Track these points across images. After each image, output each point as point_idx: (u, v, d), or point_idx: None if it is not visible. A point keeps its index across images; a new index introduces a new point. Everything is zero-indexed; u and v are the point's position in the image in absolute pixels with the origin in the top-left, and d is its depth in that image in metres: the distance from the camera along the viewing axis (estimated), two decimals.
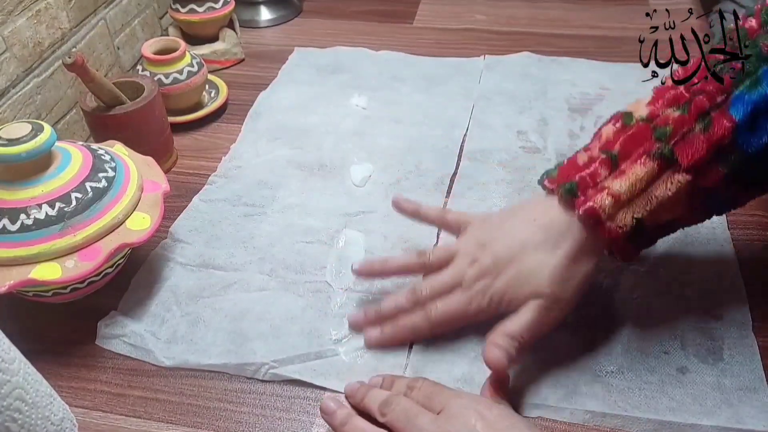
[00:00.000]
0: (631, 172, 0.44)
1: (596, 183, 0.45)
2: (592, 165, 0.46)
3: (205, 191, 0.65)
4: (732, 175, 0.42)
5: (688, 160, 0.42)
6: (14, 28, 0.62)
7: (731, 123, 0.41)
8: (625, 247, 0.45)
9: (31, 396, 0.37)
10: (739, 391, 0.45)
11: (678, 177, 0.43)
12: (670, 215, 0.45)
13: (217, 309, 0.52)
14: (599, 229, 0.44)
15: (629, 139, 0.45)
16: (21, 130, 0.46)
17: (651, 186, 0.43)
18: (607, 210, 0.44)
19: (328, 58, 0.86)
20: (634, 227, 0.44)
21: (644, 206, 0.44)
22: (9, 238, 0.45)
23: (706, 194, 0.44)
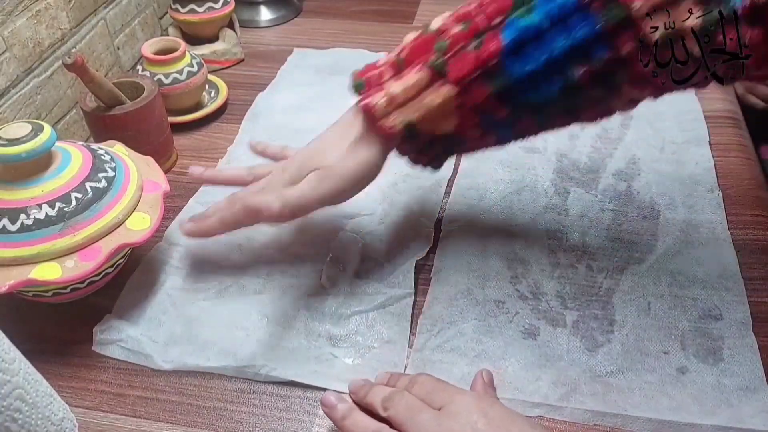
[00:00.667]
0: (407, 77, 0.46)
1: (379, 83, 0.48)
2: (382, 66, 0.49)
3: (201, 193, 0.64)
4: (499, 96, 0.44)
5: (456, 74, 0.44)
6: (14, 28, 0.62)
7: (499, 45, 0.43)
8: (402, 147, 0.50)
9: (31, 396, 0.37)
10: (739, 391, 0.45)
11: (445, 88, 0.45)
12: (446, 128, 0.47)
13: (214, 312, 0.52)
14: (375, 125, 0.47)
15: (416, 47, 0.47)
16: (21, 130, 0.46)
17: (422, 93, 0.46)
18: (381, 108, 0.46)
19: (327, 58, 0.86)
20: (405, 129, 0.46)
21: (413, 111, 0.46)
22: (9, 238, 0.45)
23: (477, 111, 0.46)
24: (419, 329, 0.51)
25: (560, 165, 0.66)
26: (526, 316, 0.51)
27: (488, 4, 0.45)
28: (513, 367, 0.48)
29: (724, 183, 0.63)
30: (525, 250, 0.57)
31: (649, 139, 0.69)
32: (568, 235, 0.58)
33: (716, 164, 0.66)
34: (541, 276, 0.55)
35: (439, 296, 0.53)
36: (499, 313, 0.52)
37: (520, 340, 0.50)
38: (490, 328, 0.50)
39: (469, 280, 0.54)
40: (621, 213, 0.60)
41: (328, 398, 0.43)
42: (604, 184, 0.64)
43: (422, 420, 0.39)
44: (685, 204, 0.61)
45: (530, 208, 0.61)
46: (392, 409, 0.40)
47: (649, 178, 0.64)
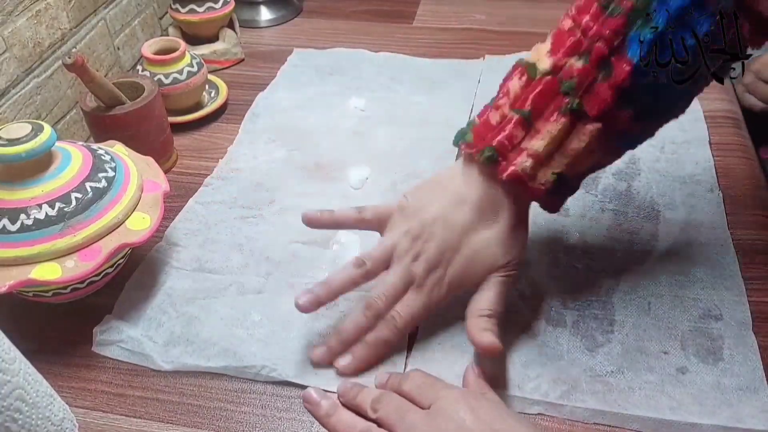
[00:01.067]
0: (545, 130, 0.45)
1: (514, 146, 0.46)
2: (506, 126, 0.46)
3: (200, 193, 0.64)
4: (639, 113, 0.44)
5: (597, 110, 0.43)
6: (14, 28, 0.62)
7: (630, 66, 0.42)
8: (550, 200, 0.48)
9: (32, 396, 0.37)
10: (739, 391, 0.45)
11: (589, 127, 0.44)
12: (588, 163, 0.47)
13: (214, 312, 0.52)
14: (524, 191, 0.46)
15: (539, 96, 0.45)
16: (21, 130, 0.46)
17: (566, 140, 0.45)
18: (529, 171, 0.45)
19: (327, 59, 0.86)
20: (556, 182, 0.46)
21: (562, 161, 0.45)
22: (9, 238, 0.45)
23: (617, 136, 0.46)
24: (420, 327, 0.51)
25: None
26: (526, 316, 0.51)
27: (599, 28, 0.43)
28: (513, 364, 0.48)
29: (724, 183, 0.63)
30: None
31: (649, 139, 0.69)
32: (568, 235, 0.58)
33: (716, 164, 0.65)
34: (541, 276, 0.55)
35: None
36: None
37: (521, 339, 0.50)
38: None
39: None
40: (621, 213, 0.60)
41: (311, 395, 0.42)
42: (604, 184, 0.64)
43: (412, 420, 0.39)
44: (685, 204, 0.61)
45: (530, 208, 0.61)
46: (381, 411, 0.40)
47: (649, 178, 0.64)
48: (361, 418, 0.41)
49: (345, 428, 0.41)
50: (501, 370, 0.47)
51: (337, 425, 0.41)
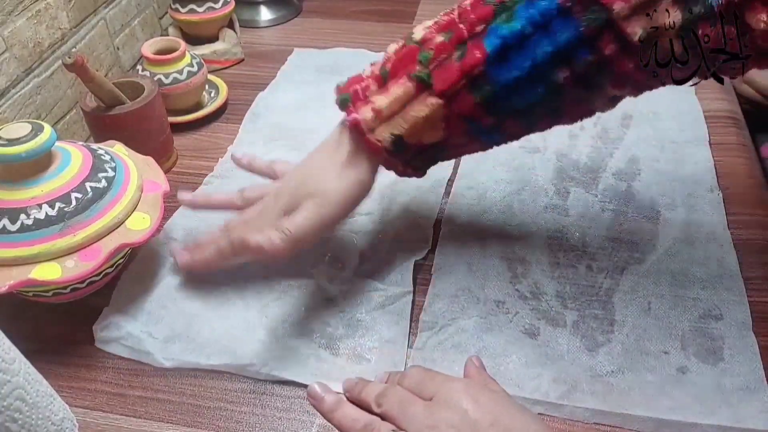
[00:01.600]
0: (392, 90, 0.46)
1: (366, 97, 0.47)
2: (367, 79, 0.48)
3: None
4: (485, 104, 0.44)
5: (441, 85, 0.44)
6: (14, 28, 0.62)
7: (482, 54, 0.43)
8: (389, 160, 0.48)
9: (32, 396, 0.37)
10: (739, 391, 0.45)
11: (431, 100, 0.45)
12: (433, 137, 0.47)
13: (214, 310, 0.52)
14: (363, 140, 0.47)
15: (399, 59, 0.47)
16: (21, 130, 0.46)
17: (407, 105, 0.46)
18: (368, 122, 0.47)
19: (327, 58, 0.86)
20: (393, 142, 0.46)
21: (401, 124, 0.46)
22: (9, 238, 0.45)
23: (464, 120, 0.46)
24: (420, 327, 0.51)
25: (560, 165, 0.66)
26: (526, 316, 0.51)
27: (469, 13, 0.45)
28: (514, 363, 0.48)
29: (724, 183, 0.63)
30: (525, 250, 0.57)
31: (649, 139, 0.69)
32: (568, 235, 0.58)
33: (716, 164, 0.65)
34: (541, 276, 0.55)
35: (440, 293, 0.53)
36: (499, 313, 0.52)
37: (521, 339, 0.50)
38: (490, 326, 0.50)
39: (469, 279, 0.54)
40: (621, 213, 0.60)
41: (315, 389, 0.42)
42: (604, 184, 0.64)
43: (414, 412, 0.39)
44: (685, 204, 0.61)
45: (530, 208, 0.61)
46: (385, 404, 0.41)
47: (649, 178, 0.64)
48: (365, 412, 0.41)
49: (349, 422, 0.41)
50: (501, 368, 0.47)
51: (341, 420, 0.41)
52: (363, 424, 0.40)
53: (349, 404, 0.42)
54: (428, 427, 0.38)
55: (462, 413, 0.38)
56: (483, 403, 0.39)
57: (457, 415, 0.38)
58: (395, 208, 0.62)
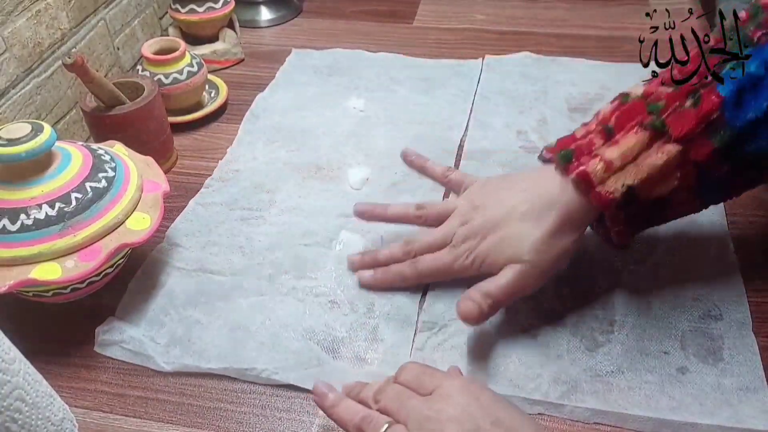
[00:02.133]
0: (623, 141, 0.46)
1: (591, 151, 0.47)
2: (588, 136, 0.48)
3: (201, 195, 0.64)
4: (721, 150, 0.44)
5: (679, 131, 0.44)
6: (14, 28, 0.62)
7: (719, 99, 0.43)
8: (616, 216, 0.47)
9: (31, 396, 0.37)
10: (739, 391, 0.45)
11: (668, 147, 0.44)
12: (663, 191, 0.46)
13: (216, 314, 0.52)
14: (590, 194, 0.46)
15: (624, 113, 0.47)
16: (21, 130, 0.46)
17: (642, 154, 0.45)
18: (599, 174, 0.45)
19: (326, 59, 0.86)
20: (624, 194, 0.45)
21: (635, 174, 0.45)
22: (9, 238, 0.45)
23: (698, 170, 0.45)
24: (420, 328, 0.51)
25: None
26: (526, 316, 0.51)
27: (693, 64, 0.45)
28: (514, 364, 0.48)
29: None
30: None
31: None
32: None
33: None
34: None
35: (440, 294, 0.53)
36: (498, 313, 0.51)
37: (521, 339, 0.50)
38: (490, 326, 0.50)
39: (468, 279, 0.54)
40: None
41: (319, 387, 0.43)
42: None
43: (411, 405, 0.39)
44: None
45: None
46: (383, 400, 0.41)
47: None
48: (363, 407, 0.41)
49: (347, 415, 0.41)
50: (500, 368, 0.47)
51: (341, 413, 0.41)
52: (361, 417, 0.40)
53: (350, 400, 0.42)
54: (427, 418, 0.38)
55: (463, 408, 0.38)
56: (484, 402, 0.39)
57: (457, 409, 0.38)
58: None
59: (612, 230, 0.49)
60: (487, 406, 0.38)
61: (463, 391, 0.39)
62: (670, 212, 0.50)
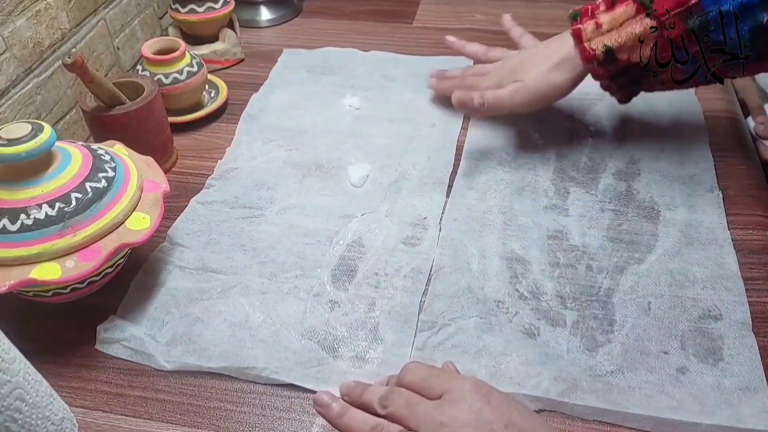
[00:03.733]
0: (618, 9, 0.57)
1: (594, 14, 0.59)
2: (599, 1, 0.59)
3: (202, 194, 0.64)
4: (695, 32, 0.52)
5: (659, 9, 0.53)
6: (14, 28, 0.62)
7: None
8: (598, 70, 0.60)
9: (32, 396, 0.37)
10: (739, 391, 0.45)
11: (647, 20, 0.55)
12: (637, 55, 0.57)
13: (217, 312, 0.52)
14: (580, 48, 0.59)
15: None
16: (21, 130, 0.46)
17: (626, 23, 0.56)
18: (588, 33, 0.58)
19: (318, 58, 0.86)
20: (604, 53, 0.57)
21: (615, 37, 0.57)
22: (9, 238, 0.45)
23: (673, 45, 0.54)
24: (420, 327, 0.51)
25: (560, 165, 0.66)
26: (526, 316, 0.51)
27: None
28: (514, 362, 0.48)
29: (724, 183, 0.63)
30: (525, 250, 0.57)
31: (649, 139, 0.69)
32: (568, 235, 0.58)
33: (716, 164, 0.65)
34: (541, 276, 0.55)
35: (440, 294, 0.53)
36: (499, 313, 0.52)
37: (521, 339, 0.50)
38: (490, 326, 0.50)
39: (469, 279, 0.54)
40: (621, 213, 0.60)
41: (322, 397, 0.42)
42: (604, 184, 0.64)
43: (422, 411, 0.39)
44: (685, 204, 0.61)
45: (530, 208, 0.61)
46: (391, 407, 0.40)
47: (649, 178, 0.64)
48: (371, 416, 0.41)
49: (357, 425, 0.40)
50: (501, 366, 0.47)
51: (349, 423, 0.41)
52: (371, 426, 0.39)
53: (356, 409, 0.42)
54: (441, 424, 0.37)
55: (476, 412, 0.37)
56: (495, 404, 0.38)
57: (470, 415, 0.37)
58: (398, 207, 0.62)
59: (602, 84, 0.63)
60: (499, 408, 0.38)
61: (474, 393, 0.39)
62: (654, 80, 0.60)
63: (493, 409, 0.38)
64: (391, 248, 0.58)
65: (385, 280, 0.55)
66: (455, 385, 0.40)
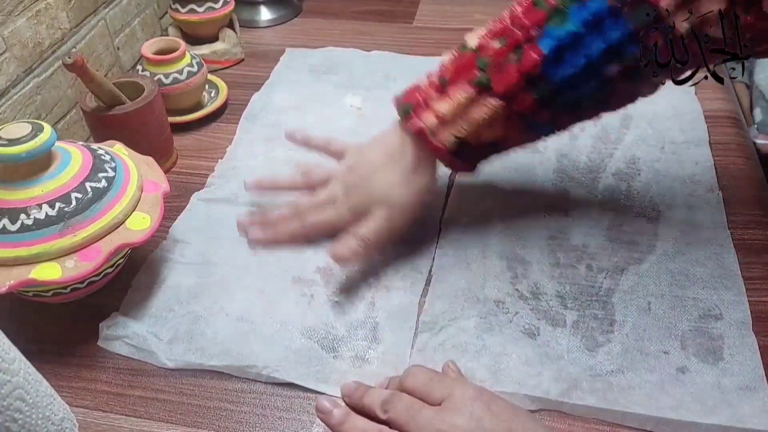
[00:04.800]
0: (453, 96, 0.50)
1: (427, 104, 0.51)
2: (426, 88, 0.52)
3: (204, 191, 0.64)
4: (542, 101, 0.48)
5: (501, 87, 0.48)
6: (14, 28, 0.62)
7: (539, 56, 0.47)
8: (452, 161, 0.53)
9: (32, 396, 0.37)
10: (739, 390, 0.45)
11: (492, 101, 0.49)
12: (492, 136, 0.51)
13: (218, 310, 0.52)
14: (427, 145, 0.52)
15: (458, 67, 0.51)
16: (21, 130, 0.46)
17: (469, 108, 0.49)
18: (432, 129, 0.51)
19: (320, 58, 0.86)
20: (456, 144, 0.51)
21: (463, 127, 0.50)
22: (9, 238, 0.45)
23: (522, 118, 0.50)
24: (420, 328, 0.51)
25: (560, 165, 0.66)
26: (526, 316, 0.51)
27: (521, 18, 0.48)
28: (514, 362, 0.48)
29: (724, 183, 0.63)
30: (525, 250, 0.57)
31: (649, 139, 0.69)
32: (568, 235, 0.58)
33: (716, 164, 0.65)
34: (541, 276, 0.55)
35: (440, 294, 0.53)
36: (499, 313, 0.52)
37: (521, 339, 0.50)
38: (490, 326, 0.50)
39: (469, 280, 0.54)
40: (621, 213, 0.60)
41: (323, 404, 0.43)
42: (604, 184, 0.64)
43: (423, 418, 0.39)
44: (685, 204, 0.61)
45: (530, 208, 0.61)
46: (392, 412, 0.40)
47: (649, 178, 0.64)
48: (373, 423, 0.41)
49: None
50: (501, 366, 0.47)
51: (351, 430, 0.41)
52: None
53: (357, 416, 0.42)
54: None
55: (476, 420, 0.38)
56: (496, 411, 0.38)
57: (471, 422, 0.37)
58: None
59: (453, 169, 0.56)
60: (500, 416, 0.38)
61: (475, 401, 0.39)
62: (508, 145, 0.54)
63: (493, 416, 0.38)
64: (391, 250, 0.58)
65: (384, 280, 0.55)
66: (456, 392, 0.40)
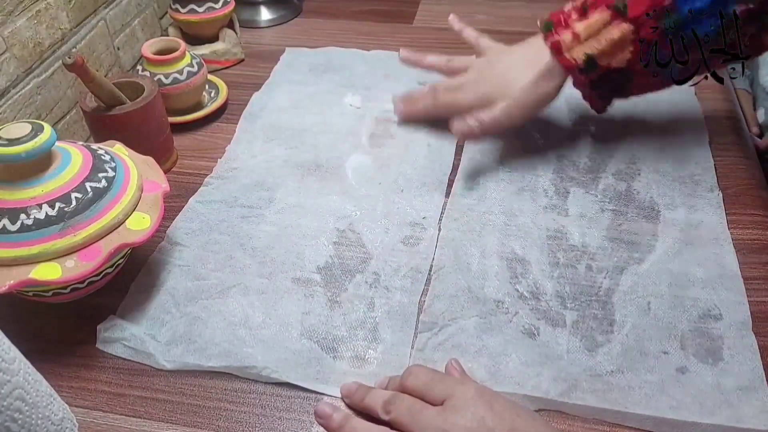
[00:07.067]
0: (592, 17, 0.57)
1: (567, 24, 0.59)
2: (569, 10, 0.59)
3: (201, 193, 0.64)
4: (668, 31, 0.54)
5: (634, 12, 0.54)
6: (14, 28, 0.62)
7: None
8: (580, 78, 0.60)
9: (32, 396, 0.37)
10: (739, 390, 0.45)
11: (624, 25, 0.55)
12: (618, 62, 0.57)
13: (217, 312, 0.52)
14: (560, 59, 0.59)
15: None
16: (21, 130, 0.46)
17: (603, 30, 0.56)
18: (567, 43, 0.58)
19: (320, 57, 0.86)
20: (585, 61, 0.58)
21: (595, 45, 0.57)
22: (9, 238, 0.45)
23: (648, 46, 0.55)
24: (420, 328, 0.51)
25: (560, 165, 0.66)
26: (525, 316, 0.51)
27: None
28: (514, 362, 0.48)
29: (724, 183, 0.63)
30: (525, 250, 0.57)
31: (649, 139, 0.69)
32: (568, 235, 0.58)
33: (716, 164, 0.65)
34: (541, 276, 0.55)
35: (440, 294, 0.53)
36: (499, 313, 0.52)
37: (521, 339, 0.50)
38: (490, 326, 0.50)
39: (469, 279, 0.54)
40: (621, 213, 0.60)
41: (323, 409, 0.42)
42: (604, 184, 0.64)
43: (425, 418, 0.39)
44: (685, 204, 0.61)
45: (530, 208, 0.61)
46: (394, 412, 0.40)
47: (649, 178, 0.64)
48: (374, 424, 0.41)
49: None
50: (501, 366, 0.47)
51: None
52: None
53: (357, 418, 0.42)
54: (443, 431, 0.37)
55: (479, 420, 0.37)
56: (498, 410, 0.38)
57: (473, 422, 0.37)
58: (397, 208, 0.62)
59: (583, 93, 0.62)
60: (503, 415, 0.38)
61: (477, 400, 0.39)
62: (632, 85, 0.61)
63: (496, 415, 0.38)
64: (390, 248, 0.58)
65: (384, 280, 0.55)
66: (458, 391, 0.40)
